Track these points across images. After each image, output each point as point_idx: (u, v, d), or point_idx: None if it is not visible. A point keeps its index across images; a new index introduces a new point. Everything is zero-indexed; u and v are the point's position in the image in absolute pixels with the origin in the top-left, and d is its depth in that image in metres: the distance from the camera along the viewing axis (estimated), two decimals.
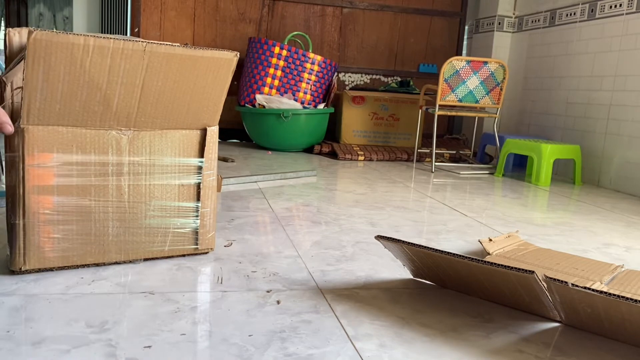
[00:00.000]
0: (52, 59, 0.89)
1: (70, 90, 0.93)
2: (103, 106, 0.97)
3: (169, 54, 0.99)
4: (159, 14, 3.67)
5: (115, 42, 0.92)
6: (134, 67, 0.96)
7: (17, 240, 0.94)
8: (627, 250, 1.48)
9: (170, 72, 1.01)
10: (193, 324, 0.83)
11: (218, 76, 1.07)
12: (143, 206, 1.05)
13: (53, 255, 0.98)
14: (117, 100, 0.97)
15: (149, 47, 0.96)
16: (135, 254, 1.06)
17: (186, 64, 1.02)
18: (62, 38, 0.89)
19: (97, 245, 1.02)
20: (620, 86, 2.63)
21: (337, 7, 3.92)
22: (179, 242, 1.11)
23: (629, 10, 2.61)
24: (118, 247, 1.04)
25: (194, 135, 1.10)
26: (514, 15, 3.62)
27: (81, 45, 0.90)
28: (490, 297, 0.99)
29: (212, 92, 1.08)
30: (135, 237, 1.05)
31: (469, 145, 3.60)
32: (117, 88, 0.96)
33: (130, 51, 0.94)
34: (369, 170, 2.79)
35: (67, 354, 0.71)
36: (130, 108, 0.99)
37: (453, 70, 2.83)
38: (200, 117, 1.09)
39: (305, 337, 0.81)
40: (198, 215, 1.12)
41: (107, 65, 0.94)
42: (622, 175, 2.60)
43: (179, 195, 1.09)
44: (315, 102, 3.42)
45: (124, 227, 1.04)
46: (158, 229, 1.08)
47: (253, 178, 2.19)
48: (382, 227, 1.54)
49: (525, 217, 1.83)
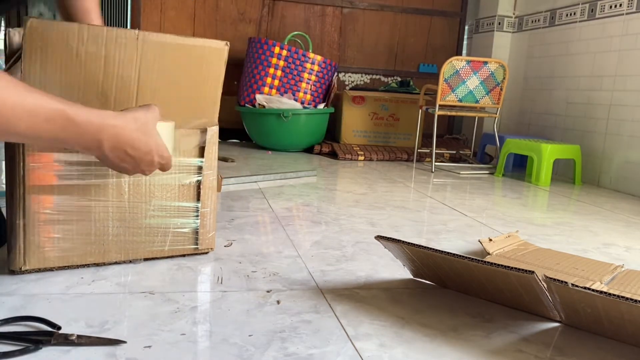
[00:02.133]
0: (49, 50, 0.88)
1: (69, 83, 0.91)
2: (101, 102, 0.95)
3: (162, 42, 0.98)
4: (159, 14, 3.67)
5: (108, 30, 0.92)
6: (128, 58, 0.95)
7: (17, 240, 0.94)
8: (627, 250, 1.48)
9: (165, 64, 1.00)
10: (193, 324, 0.83)
11: (211, 68, 1.06)
12: (143, 206, 1.05)
13: (53, 255, 0.98)
14: (115, 96, 0.96)
15: (141, 35, 0.95)
16: (135, 254, 1.06)
17: (179, 53, 1.01)
18: (57, 26, 0.88)
19: (98, 245, 1.02)
20: (621, 86, 2.63)
21: (337, 7, 3.92)
22: (179, 242, 1.11)
23: (629, 10, 2.61)
24: (118, 246, 1.04)
25: (193, 135, 1.09)
26: (514, 15, 3.62)
27: (75, 32, 0.89)
28: (490, 297, 0.99)
29: (207, 86, 1.07)
30: (136, 237, 1.05)
31: (469, 145, 3.60)
32: (114, 82, 0.95)
33: (123, 39, 0.94)
34: (369, 170, 2.79)
35: (67, 353, 0.71)
36: (129, 104, 0.99)
37: (453, 70, 2.83)
38: (197, 114, 1.08)
39: (306, 337, 0.81)
40: (198, 215, 1.12)
41: (102, 56, 0.93)
42: (622, 175, 2.60)
43: (179, 195, 1.09)
44: (315, 102, 3.42)
45: (124, 227, 1.04)
46: (158, 229, 1.08)
47: (253, 178, 2.19)
48: (382, 227, 1.54)
49: (525, 217, 1.83)
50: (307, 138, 3.36)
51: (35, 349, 0.71)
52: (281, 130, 3.26)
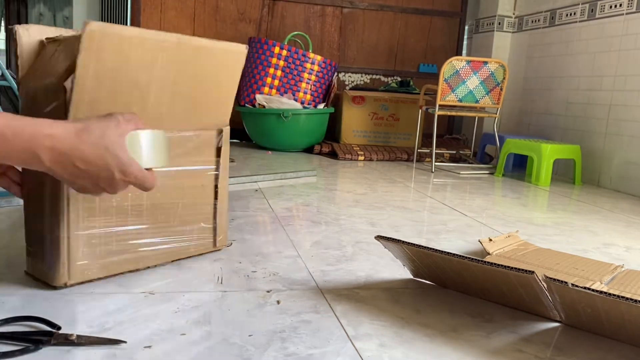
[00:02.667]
0: (103, 54, 0.82)
1: (115, 89, 0.87)
2: (140, 107, 0.92)
3: (195, 46, 0.97)
4: (159, 14, 3.67)
5: (155, 34, 0.89)
6: (168, 62, 0.93)
7: (60, 255, 0.88)
8: (627, 250, 1.48)
9: (197, 67, 0.98)
10: (193, 324, 0.83)
11: (229, 71, 1.07)
12: (174, 209, 1.04)
13: (95, 267, 0.94)
14: (152, 101, 0.93)
15: (181, 38, 0.93)
16: (165, 257, 1.05)
17: (207, 56, 1.00)
18: (113, 29, 0.83)
19: (133, 252, 0.99)
20: (621, 86, 2.63)
21: (337, 7, 3.92)
22: (202, 243, 1.12)
23: (629, 10, 2.61)
24: (151, 252, 1.02)
25: (213, 136, 1.10)
26: (514, 15, 3.62)
27: (127, 37, 0.85)
28: (490, 297, 0.99)
29: (225, 87, 1.08)
30: (166, 240, 1.05)
31: (469, 145, 3.60)
32: (153, 86, 0.92)
33: (167, 43, 0.91)
34: (369, 170, 2.79)
35: (67, 353, 0.71)
36: (162, 108, 0.96)
37: (453, 70, 2.83)
38: (216, 115, 1.09)
39: (305, 337, 0.81)
40: (216, 214, 1.14)
41: (148, 60, 0.89)
42: (622, 175, 2.60)
43: (203, 195, 1.10)
44: (315, 102, 3.42)
45: (157, 230, 1.03)
46: (185, 230, 1.08)
47: (253, 178, 2.19)
48: (382, 227, 1.54)
49: (525, 217, 1.83)
50: (307, 138, 3.36)
51: (35, 349, 0.71)
52: (281, 130, 3.26)
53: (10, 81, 2.99)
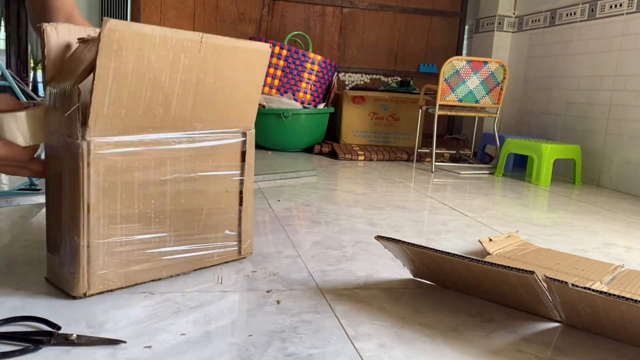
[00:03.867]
0: (123, 54, 0.80)
1: (136, 90, 0.84)
2: (163, 109, 0.90)
3: (219, 45, 0.94)
4: (159, 14, 3.67)
5: (177, 33, 0.86)
6: (191, 62, 0.90)
7: (79, 264, 0.86)
8: (627, 250, 1.48)
9: (220, 67, 0.96)
10: (193, 324, 0.83)
11: (253, 71, 1.04)
12: (197, 215, 1.01)
13: (115, 276, 0.91)
14: (176, 103, 0.91)
15: (204, 37, 0.90)
16: (188, 266, 1.02)
17: (231, 56, 0.97)
18: (133, 28, 0.80)
19: (155, 261, 0.96)
20: (621, 86, 2.63)
21: (337, 7, 3.92)
22: (226, 251, 1.09)
23: (629, 10, 2.61)
24: (174, 260, 0.99)
25: (237, 139, 1.06)
26: (514, 15, 3.62)
27: (149, 36, 0.82)
28: (490, 297, 0.99)
29: (250, 88, 1.04)
30: (189, 248, 1.02)
31: (469, 145, 3.60)
32: (176, 87, 0.90)
33: (189, 42, 0.89)
34: (369, 170, 2.79)
35: (67, 353, 0.71)
36: (186, 110, 0.94)
37: (453, 70, 2.83)
38: (241, 117, 1.05)
39: (305, 337, 0.81)
40: (241, 221, 1.10)
41: (169, 60, 0.87)
42: (622, 175, 2.60)
43: (228, 201, 1.06)
44: (315, 102, 3.42)
45: (179, 239, 0.99)
46: (209, 237, 1.05)
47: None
48: (382, 227, 1.54)
49: (525, 217, 1.83)
50: (307, 138, 3.36)
51: (35, 349, 0.71)
52: (281, 130, 3.26)
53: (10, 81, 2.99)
